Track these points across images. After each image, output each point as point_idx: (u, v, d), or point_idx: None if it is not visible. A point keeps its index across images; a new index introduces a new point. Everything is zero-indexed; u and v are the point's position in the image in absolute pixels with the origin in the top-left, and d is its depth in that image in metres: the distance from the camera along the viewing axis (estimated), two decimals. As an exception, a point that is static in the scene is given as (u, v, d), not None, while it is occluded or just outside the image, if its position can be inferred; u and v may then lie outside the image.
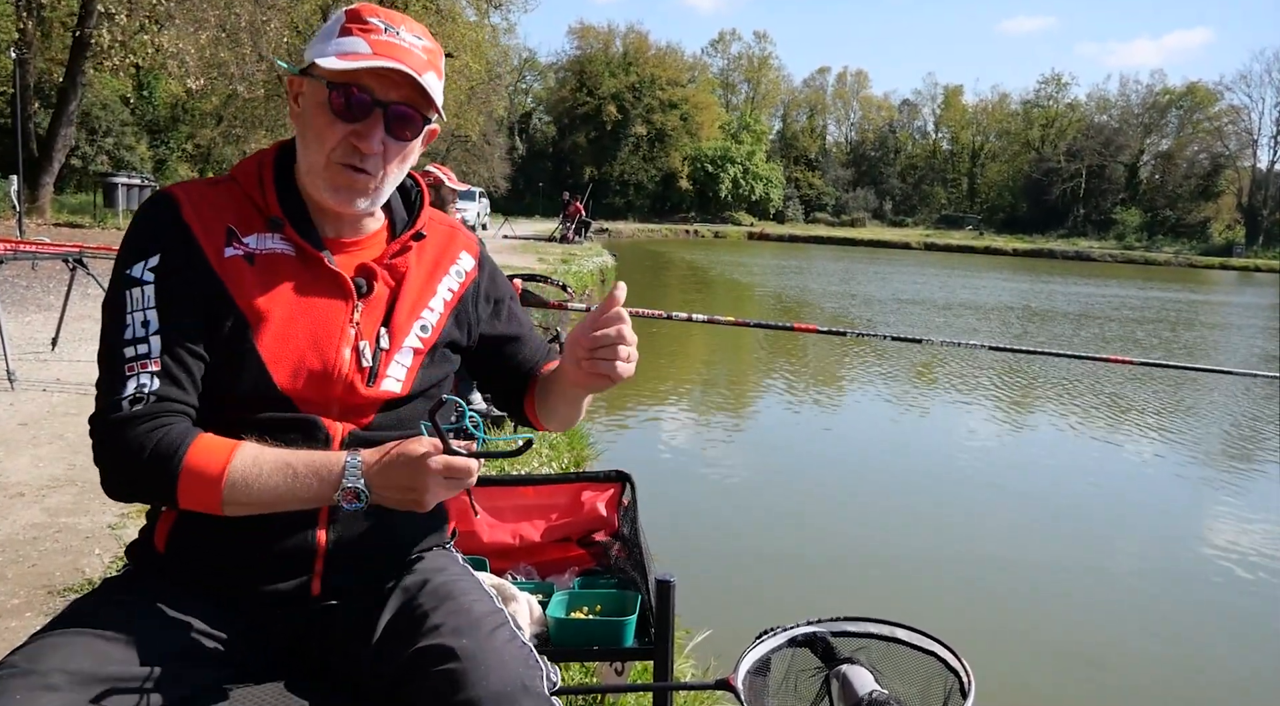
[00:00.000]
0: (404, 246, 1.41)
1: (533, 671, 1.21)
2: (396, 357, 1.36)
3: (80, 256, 6.58)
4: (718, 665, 3.26)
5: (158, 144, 30.72)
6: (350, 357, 1.32)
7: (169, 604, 1.26)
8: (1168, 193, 69.70)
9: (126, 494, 1.25)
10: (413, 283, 1.41)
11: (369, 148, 1.29)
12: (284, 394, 1.28)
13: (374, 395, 1.33)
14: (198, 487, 1.20)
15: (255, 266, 1.31)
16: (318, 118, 1.30)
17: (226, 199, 1.35)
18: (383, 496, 1.21)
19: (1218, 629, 4.92)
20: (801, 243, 58.07)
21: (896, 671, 1.66)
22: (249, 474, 1.20)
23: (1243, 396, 11.65)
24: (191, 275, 1.27)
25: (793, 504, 6.54)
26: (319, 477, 1.20)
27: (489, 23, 30.93)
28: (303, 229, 1.34)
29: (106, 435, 1.22)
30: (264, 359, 1.27)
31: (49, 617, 1.24)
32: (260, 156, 1.40)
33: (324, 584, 1.33)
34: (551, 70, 74.27)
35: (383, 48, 1.28)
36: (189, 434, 1.22)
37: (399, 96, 1.30)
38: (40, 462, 4.47)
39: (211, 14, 18.49)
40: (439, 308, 1.42)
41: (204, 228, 1.30)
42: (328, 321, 1.32)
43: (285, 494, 1.21)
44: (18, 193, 15.99)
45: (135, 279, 1.27)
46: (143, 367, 1.23)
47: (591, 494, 2.29)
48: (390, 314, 1.37)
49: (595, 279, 18.98)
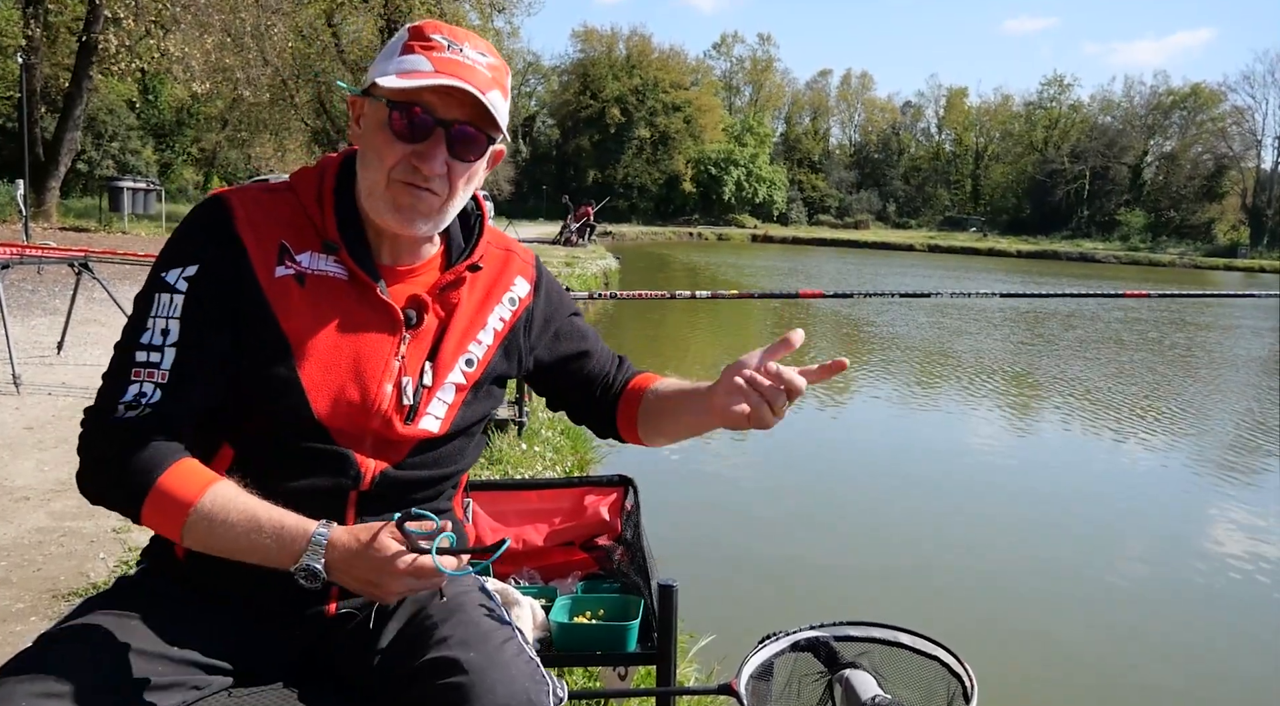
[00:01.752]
0: (458, 278, 1.37)
1: (539, 686, 1.20)
2: (439, 394, 1.33)
3: (86, 261, 6.61)
4: (721, 670, 3.26)
5: (163, 148, 30.83)
6: (392, 394, 1.28)
7: (180, 610, 1.25)
8: (1172, 194, 69.55)
9: (94, 495, 1.21)
10: (463, 315, 1.36)
11: (431, 169, 1.24)
12: (320, 423, 1.25)
13: (411, 433, 1.30)
14: (162, 511, 1.17)
15: (305, 288, 1.27)
16: (378, 138, 1.26)
17: (283, 211, 1.31)
18: (342, 580, 1.17)
19: (1224, 631, 4.91)
20: (805, 245, 58.03)
21: (899, 675, 1.66)
22: (215, 514, 1.16)
23: (1248, 396, 11.62)
24: (234, 291, 1.24)
25: (795, 508, 6.54)
26: (280, 543, 1.16)
27: (492, 26, 30.94)
28: (358, 254, 1.30)
29: (93, 434, 1.21)
30: (305, 387, 1.24)
31: (53, 622, 1.24)
32: (322, 167, 1.36)
33: (339, 607, 1.32)
34: (555, 73, 74.48)
35: (445, 65, 1.24)
36: (171, 455, 1.19)
37: (462, 115, 1.25)
38: (45, 467, 4.48)
39: (217, 19, 18.56)
40: (487, 339, 1.38)
41: (257, 242, 1.26)
42: (373, 354, 1.28)
43: (244, 546, 1.17)
44: (24, 197, 16.03)
45: (168, 284, 1.24)
46: (149, 376, 1.21)
47: (594, 498, 2.30)
48: (437, 348, 1.33)
49: (599, 282, 18.99)
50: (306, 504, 1.22)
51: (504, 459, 5.15)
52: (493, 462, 5.10)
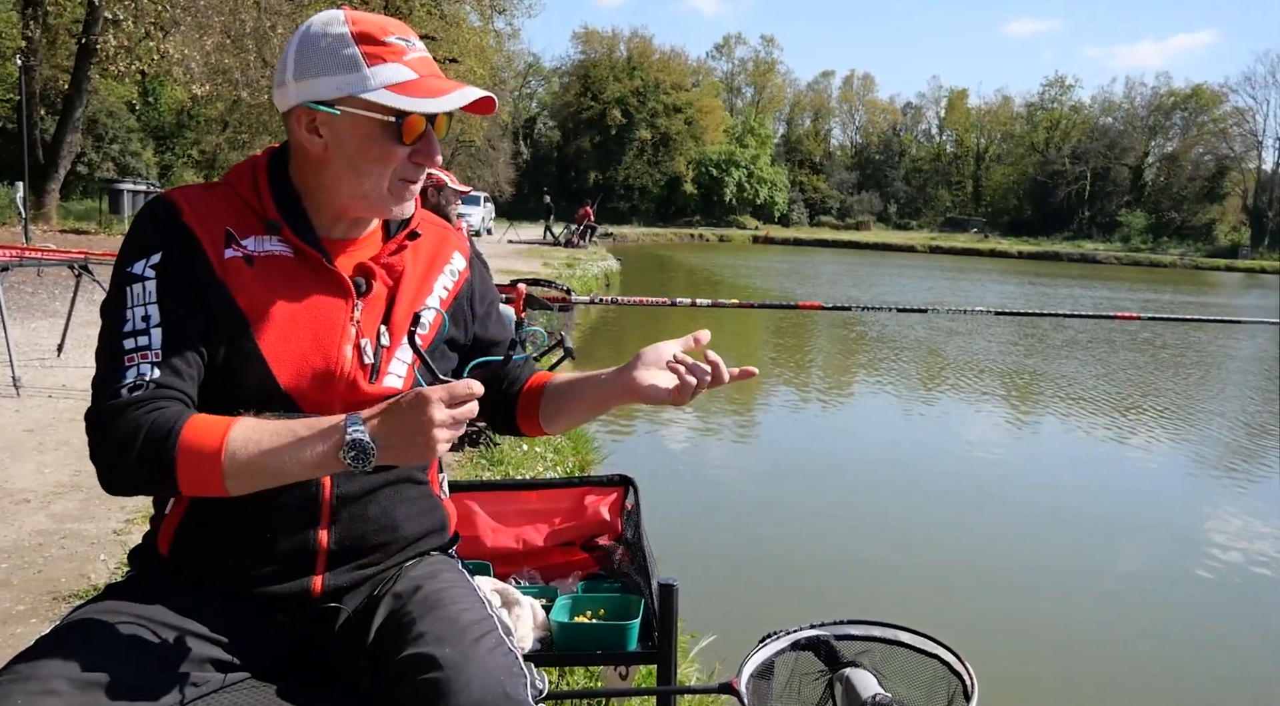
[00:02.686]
0: (400, 245, 1.43)
1: (516, 678, 1.20)
2: (397, 354, 1.38)
3: (86, 263, 6.61)
4: (721, 669, 3.26)
5: (163, 150, 30.81)
6: (352, 355, 1.33)
7: (171, 607, 1.26)
8: (1173, 195, 69.54)
9: (125, 482, 1.19)
10: (409, 280, 1.43)
11: (433, 163, 1.35)
12: (287, 393, 1.29)
13: (377, 391, 1.34)
14: (197, 464, 1.15)
15: (254, 268, 1.32)
16: (371, 147, 1.31)
17: (222, 202, 1.36)
18: (389, 446, 1.13)
19: (1224, 629, 4.91)
20: (806, 246, 58.03)
21: (900, 674, 1.66)
22: (249, 442, 1.15)
23: (1247, 400, 11.61)
24: (194, 274, 1.28)
25: (796, 507, 6.54)
26: (321, 436, 1.14)
27: (493, 28, 31.02)
28: (300, 230, 1.35)
29: (102, 422, 1.19)
30: (266, 358, 1.28)
31: (55, 624, 1.24)
32: (252, 161, 1.42)
33: (325, 584, 1.34)
34: (556, 75, 74.44)
35: (427, 69, 1.32)
36: (184, 414, 1.18)
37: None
38: (46, 469, 4.48)
39: (217, 20, 18.56)
40: (435, 305, 1.44)
41: (204, 230, 1.31)
42: (329, 320, 1.33)
43: (289, 459, 1.14)
44: (24, 199, 16.04)
45: (136, 275, 1.27)
46: (142, 358, 1.22)
47: (595, 498, 2.29)
48: (390, 311, 1.39)
49: (600, 283, 18.99)
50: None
51: (505, 459, 5.15)
52: (494, 463, 5.10)
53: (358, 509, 1.35)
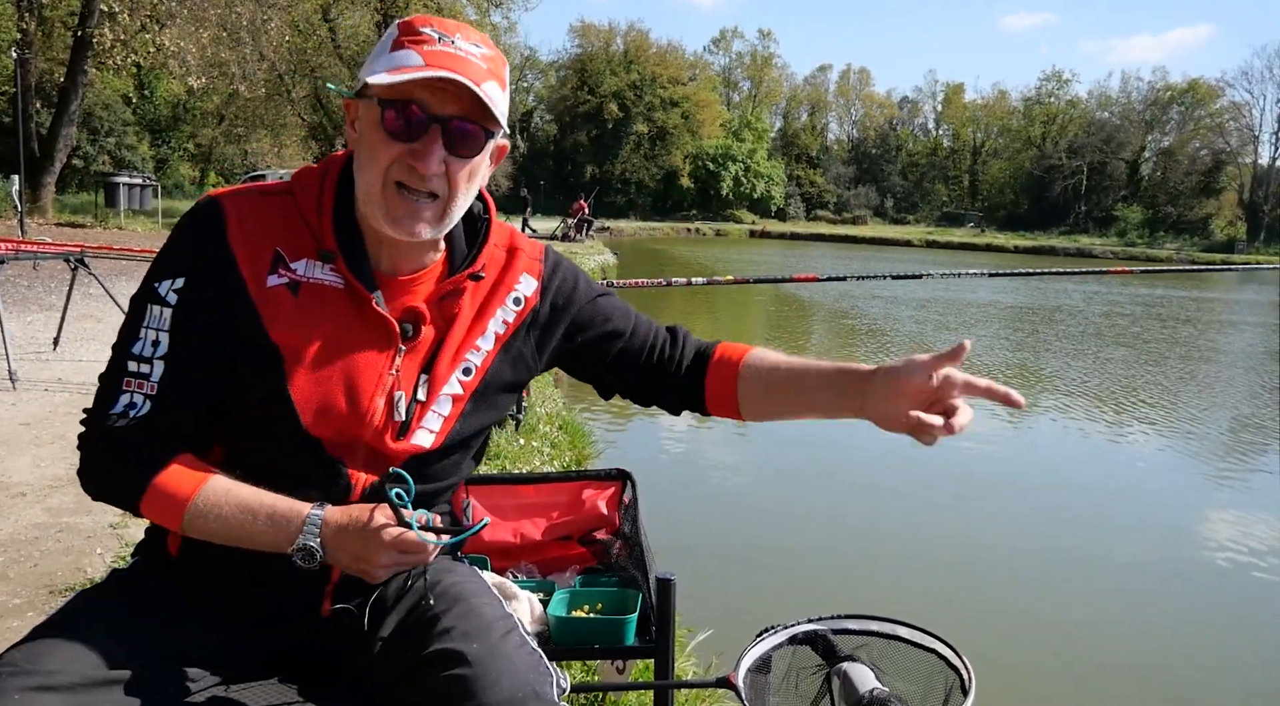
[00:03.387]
0: (458, 287, 1.31)
1: (543, 677, 1.19)
2: (433, 408, 1.28)
3: (82, 256, 6.59)
4: (719, 663, 3.27)
5: (159, 143, 30.76)
6: (383, 409, 1.25)
7: (174, 605, 1.25)
8: (1169, 189, 69.59)
9: (93, 494, 1.24)
10: (461, 324, 1.31)
11: (427, 167, 1.19)
12: (309, 435, 1.22)
13: (402, 449, 1.26)
14: (160, 512, 1.20)
15: (299, 298, 1.24)
16: (372, 139, 1.21)
17: (279, 215, 1.27)
18: (336, 559, 1.17)
19: (1221, 624, 4.92)
20: (803, 240, 58.05)
21: (897, 669, 1.66)
22: (209, 509, 1.18)
23: (1246, 394, 11.64)
24: (222, 302, 1.22)
25: (793, 501, 6.54)
26: (276, 527, 1.17)
27: (490, 21, 30.90)
28: (355, 264, 1.26)
29: (89, 439, 1.23)
30: (294, 398, 1.21)
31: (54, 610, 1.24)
32: (325, 168, 1.31)
33: (334, 603, 1.30)
34: (552, 69, 74.31)
35: (437, 58, 1.18)
36: (161, 460, 1.20)
37: (457, 110, 1.20)
38: (42, 462, 4.47)
39: (212, 13, 18.50)
40: (487, 346, 1.33)
41: (249, 251, 1.23)
42: (366, 367, 1.25)
43: (243, 536, 1.18)
44: (19, 192, 16.01)
45: (159, 296, 1.22)
46: (139, 387, 1.21)
47: (592, 492, 2.29)
48: (433, 360, 1.29)
49: (597, 277, 18.98)
50: None
51: (502, 454, 5.14)
52: (490, 458, 5.09)
53: None
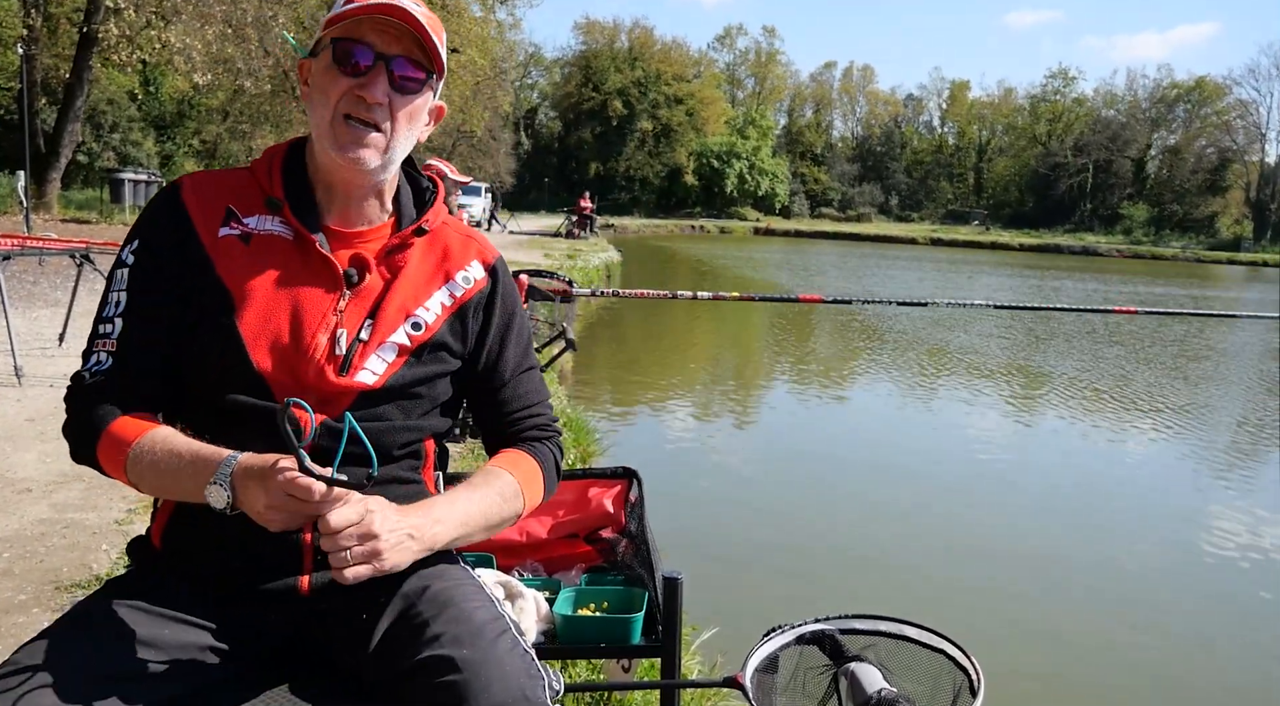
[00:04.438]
0: (404, 242, 1.41)
1: (534, 680, 1.19)
2: (378, 352, 1.35)
3: (87, 252, 6.60)
4: (725, 662, 3.26)
5: (164, 139, 30.78)
6: (325, 344, 1.32)
7: (170, 602, 1.25)
8: (1175, 187, 69.41)
9: (70, 451, 1.33)
10: (409, 279, 1.40)
11: (373, 96, 1.30)
12: (259, 373, 1.28)
13: (345, 384, 1.31)
14: (109, 459, 1.28)
15: (250, 247, 1.33)
16: (323, 79, 1.32)
17: (234, 181, 1.39)
18: (243, 502, 1.18)
19: (1231, 624, 4.90)
20: (807, 238, 57.99)
21: (905, 669, 1.65)
22: (145, 454, 1.24)
23: (1253, 396, 11.61)
24: (177, 256, 1.32)
25: (800, 500, 6.53)
26: (196, 470, 1.21)
27: (494, 18, 30.91)
28: (301, 212, 1.36)
29: (67, 405, 1.34)
30: (243, 337, 1.28)
31: (56, 614, 1.24)
32: (276, 146, 1.44)
33: (313, 582, 1.31)
34: (557, 65, 74.30)
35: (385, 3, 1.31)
36: (116, 412, 1.28)
37: (401, 49, 1.32)
38: (47, 458, 4.48)
39: (218, 9, 18.49)
40: (435, 309, 1.40)
41: (202, 207, 1.34)
42: (311, 306, 1.32)
43: (170, 482, 1.24)
44: (25, 189, 16.02)
45: (122, 260, 1.35)
46: (103, 346, 1.32)
47: (598, 490, 2.28)
48: (379, 307, 1.36)
49: (601, 274, 18.97)
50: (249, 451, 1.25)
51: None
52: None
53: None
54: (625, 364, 11.52)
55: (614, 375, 10.64)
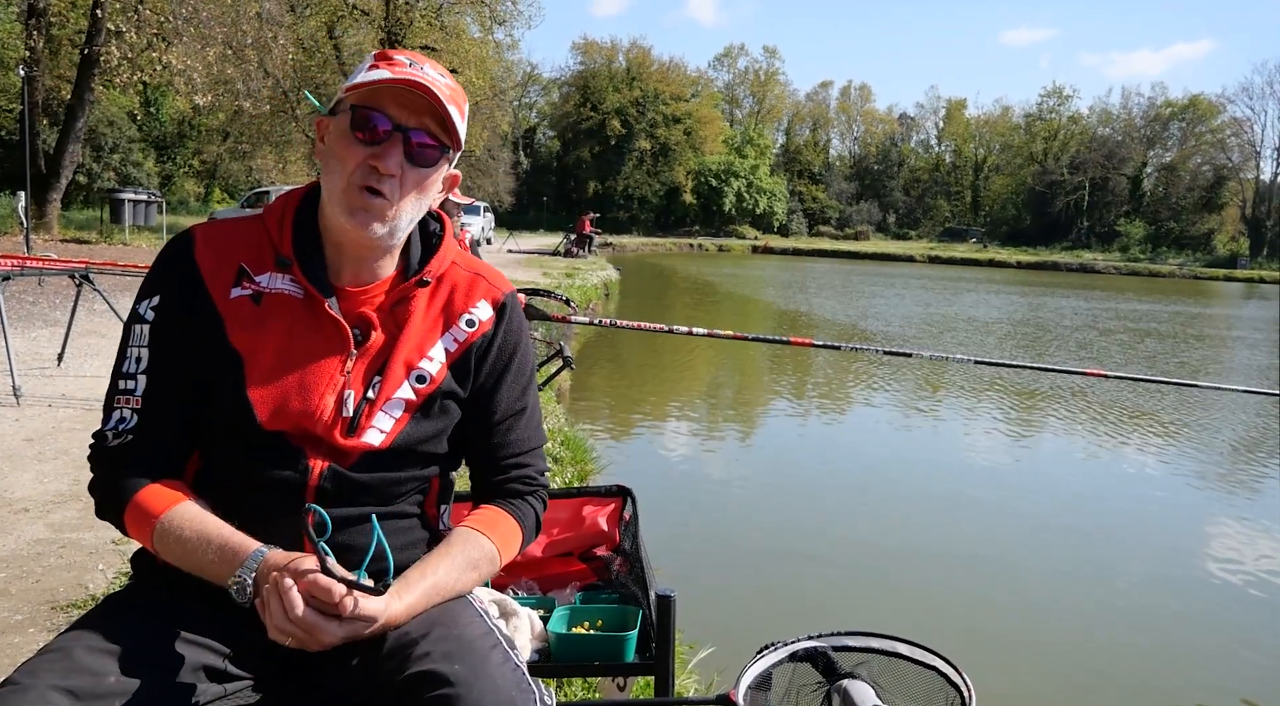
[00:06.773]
0: (406, 294, 1.40)
1: (526, 695, 1.20)
2: (384, 409, 1.35)
3: (87, 273, 6.61)
4: (719, 680, 3.26)
5: (165, 160, 30.92)
6: (332, 407, 1.32)
7: (170, 618, 1.26)
8: (1171, 205, 69.73)
9: (97, 511, 1.34)
10: (413, 331, 1.39)
11: (387, 168, 1.29)
12: (268, 434, 1.30)
13: (353, 445, 1.33)
14: (137, 527, 1.29)
15: (260, 307, 1.34)
16: (339, 144, 1.32)
17: (246, 236, 1.39)
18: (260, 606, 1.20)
19: (1225, 640, 4.90)
20: (805, 256, 58.17)
21: (898, 686, 1.65)
22: (172, 530, 1.26)
23: (1250, 410, 11.62)
24: (191, 315, 1.33)
25: (794, 519, 6.53)
26: (223, 558, 1.23)
27: (493, 38, 31.10)
28: (311, 270, 1.35)
29: (93, 466, 1.34)
30: (251, 399, 1.30)
31: (52, 634, 1.25)
32: (289, 195, 1.43)
33: None
34: (555, 85, 74.74)
35: (407, 76, 1.30)
36: (145, 478, 1.30)
37: (419, 123, 1.32)
38: (45, 478, 4.48)
39: (219, 31, 18.63)
40: (440, 357, 1.40)
41: (214, 266, 1.35)
42: (319, 368, 1.33)
43: (194, 560, 1.26)
44: (25, 209, 16.08)
45: (139, 315, 1.35)
46: (126, 403, 1.32)
47: (593, 508, 2.29)
48: (385, 364, 1.36)
49: (599, 293, 19.01)
50: (264, 501, 1.30)
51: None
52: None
53: (344, 537, 1.32)
54: (622, 382, 11.54)
55: (611, 393, 10.66)
